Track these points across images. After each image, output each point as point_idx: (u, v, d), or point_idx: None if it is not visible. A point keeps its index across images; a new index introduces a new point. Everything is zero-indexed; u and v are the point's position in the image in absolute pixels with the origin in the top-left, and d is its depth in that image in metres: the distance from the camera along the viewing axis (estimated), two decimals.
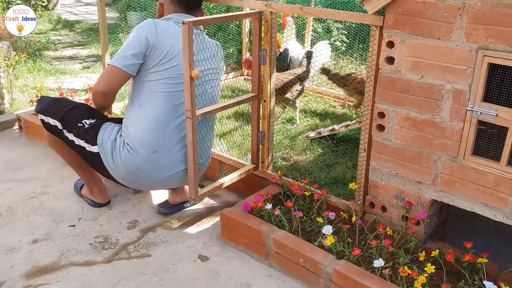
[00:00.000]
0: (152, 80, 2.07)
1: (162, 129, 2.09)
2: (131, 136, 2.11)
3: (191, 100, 1.93)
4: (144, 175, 2.14)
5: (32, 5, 7.29)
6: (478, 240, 2.17)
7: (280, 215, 2.07)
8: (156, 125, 2.08)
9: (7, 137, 3.32)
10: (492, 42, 1.58)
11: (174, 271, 2.03)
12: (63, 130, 2.23)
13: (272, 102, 2.36)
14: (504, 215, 1.71)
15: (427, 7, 1.69)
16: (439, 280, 1.79)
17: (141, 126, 2.09)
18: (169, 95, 2.08)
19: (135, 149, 2.10)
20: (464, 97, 1.69)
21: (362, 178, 2.09)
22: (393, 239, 1.96)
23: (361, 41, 4.74)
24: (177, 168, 2.17)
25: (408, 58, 1.79)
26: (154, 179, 2.17)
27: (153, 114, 2.08)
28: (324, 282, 1.86)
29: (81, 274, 2.00)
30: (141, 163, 2.10)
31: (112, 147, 2.13)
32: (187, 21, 1.81)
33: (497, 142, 1.67)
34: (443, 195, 1.85)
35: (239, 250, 2.16)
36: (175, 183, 2.27)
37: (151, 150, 2.09)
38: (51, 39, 6.16)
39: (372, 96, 1.95)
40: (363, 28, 4.51)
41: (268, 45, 2.22)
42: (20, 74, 4.39)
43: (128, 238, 2.24)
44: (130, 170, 2.13)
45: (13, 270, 2.02)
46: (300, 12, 2.16)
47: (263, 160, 2.46)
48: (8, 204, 2.51)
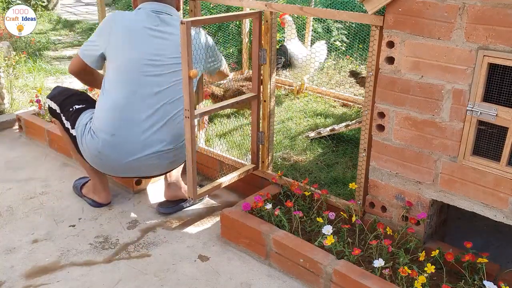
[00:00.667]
0: (112, 68, 2.18)
1: (120, 113, 2.15)
2: (94, 120, 2.21)
3: (189, 99, 1.93)
4: (107, 159, 2.19)
5: (32, 5, 7.29)
6: (478, 240, 2.17)
7: (280, 215, 2.07)
8: (115, 109, 2.15)
9: (7, 137, 3.32)
10: (492, 42, 1.58)
11: (174, 271, 2.03)
12: (60, 114, 2.37)
13: (272, 102, 2.36)
14: (504, 215, 1.71)
15: (427, 7, 1.69)
16: (439, 280, 1.79)
17: (101, 110, 2.20)
18: (129, 80, 2.14)
19: (96, 133, 2.18)
20: (464, 97, 1.69)
21: (362, 178, 2.09)
22: (393, 239, 1.96)
23: (361, 41, 4.74)
24: (141, 152, 2.17)
25: (408, 58, 1.79)
26: (118, 162, 2.20)
27: (112, 99, 2.16)
28: (324, 282, 1.86)
29: (81, 274, 2.00)
30: (102, 146, 2.17)
31: (82, 131, 2.25)
32: (185, 20, 1.81)
33: (497, 142, 1.67)
34: (443, 195, 1.85)
35: (239, 250, 2.16)
36: (147, 169, 2.27)
37: (110, 134, 2.15)
38: (51, 39, 6.16)
39: (372, 96, 1.95)
40: (363, 28, 4.51)
41: (268, 45, 2.22)
42: (20, 74, 4.39)
43: (128, 238, 2.25)
44: (94, 154, 2.21)
45: (13, 270, 2.02)
46: (300, 12, 2.16)
47: (263, 160, 2.46)
48: (8, 204, 2.51)
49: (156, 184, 2.73)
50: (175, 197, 2.46)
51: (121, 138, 2.15)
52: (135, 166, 2.22)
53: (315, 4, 4.00)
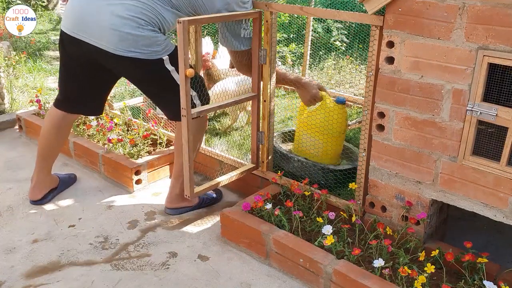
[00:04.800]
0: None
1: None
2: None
3: (186, 99, 1.93)
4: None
5: (32, 5, 7.29)
6: (478, 240, 2.17)
7: (280, 215, 2.08)
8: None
9: (7, 137, 3.32)
10: (492, 42, 1.58)
11: (174, 271, 2.03)
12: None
13: (272, 102, 2.36)
14: (504, 215, 1.71)
15: (427, 7, 1.69)
16: (439, 280, 1.79)
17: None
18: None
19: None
20: (464, 97, 1.69)
21: (362, 178, 2.09)
22: (393, 239, 1.96)
23: (361, 41, 4.74)
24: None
25: (408, 58, 1.79)
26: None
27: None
28: (324, 282, 1.86)
29: (81, 274, 2.00)
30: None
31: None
32: (182, 20, 1.81)
33: (497, 142, 1.67)
34: (443, 195, 1.85)
35: (239, 250, 2.16)
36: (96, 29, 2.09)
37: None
38: (51, 39, 6.15)
39: (372, 96, 1.95)
40: (363, 28, 4.51)
41: (268, 45, 2.22)
42: (20, 74, 4.39)
43: (128, 238, 2.25)
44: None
45: (13, 270, 2.02)
46: (300, 12, 2.16)
47: (263, 160, 2.46)
48: (8, 204, 2.51)
49: (156, 184, 2.73)
50: (174, 206, 2.46)
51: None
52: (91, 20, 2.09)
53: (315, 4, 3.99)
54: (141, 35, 2.02)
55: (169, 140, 2.88)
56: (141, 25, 2.02)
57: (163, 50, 2.09)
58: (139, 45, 2.03)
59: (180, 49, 1.85)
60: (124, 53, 2.04)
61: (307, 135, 2.45)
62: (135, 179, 2.62)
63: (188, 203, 2.43)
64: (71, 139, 2.91)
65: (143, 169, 2.66)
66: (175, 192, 2.41)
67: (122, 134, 2.92)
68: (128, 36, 2.01)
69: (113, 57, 2.07)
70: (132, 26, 2.01)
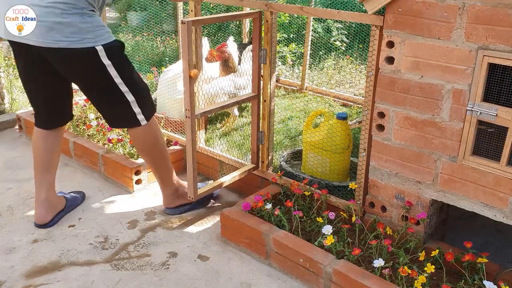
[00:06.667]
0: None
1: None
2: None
3: (190, 99, 1.93)
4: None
5: None
6: (478, 240, 2.17)
7: (280, 215, 2.08)
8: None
9: (7, 137, 3.32)
10: (492, 42, 1.58)
11: (174, 271, 2.03)
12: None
13: (272, 102, 2.36)
14: (504, 215, 1.71)
15: (427, 7, 1.69)
16: (439, 280, 1.79)
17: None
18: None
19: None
20: (464, 97, 1.69)
21: (362, 178, 2.09)
22: (393, 239, 1.96)
23: (361, 41, 4.75)
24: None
25: (408, 58, 1.79)
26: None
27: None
28: (324, 282, 1.86)
29: (81, 274, 2.00)
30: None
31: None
32: (186, 20, 1.81)
33: (497, 142, 1.67)
34: (443, 195, 1.85)
35: (239, 250, 2.16)
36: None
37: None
38: None
39: (372, 96, 1.95)
40: (363, 28, 4.52)
41: (268, 45, 2.22)
42: None
43: (128, 238, 2.25)
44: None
45: (13, 270, 2.02)
46: (300, 12, 2.16)
47: (263, 160, 2.46)
48: (8, 204, 2.51)
49: (156, 184, 2.72)
50: (171, 205, 2.45)
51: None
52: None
53: (315, 4, 4.00)
54: (67, 21, 1.90)
55: (169, 140, 2.89)
56: (64, 9, 1.90)
57: (95, 38, 1.96)
58: (67, 33, 1.91)
59: (184, 49, 1.85)
60: (54, 44, 1.92)
61: (313, 153, 2.45)
62: (135, 179, 2.62)
63: (184, 199, 2.43)
64: (71, 139, 2.92)
65: (143, 169, 2.66)
66: (168, 193, 2.42)
67: (122, 134, 2.92)
68: (54, 25, 1.90)
69: (48, 52, 1.95)
70: (56, 14, 1.89)
